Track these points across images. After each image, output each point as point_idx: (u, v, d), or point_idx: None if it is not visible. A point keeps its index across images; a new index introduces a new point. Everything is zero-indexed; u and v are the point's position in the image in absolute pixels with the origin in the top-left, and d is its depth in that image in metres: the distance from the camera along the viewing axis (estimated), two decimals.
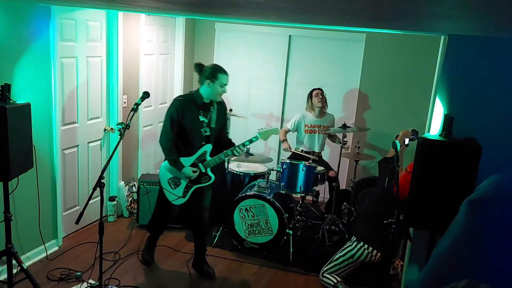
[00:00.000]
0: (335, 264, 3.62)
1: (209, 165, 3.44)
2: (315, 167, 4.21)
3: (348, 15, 2.21)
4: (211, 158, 3.44)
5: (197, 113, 3.41)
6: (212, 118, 3.47)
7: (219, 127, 3.55)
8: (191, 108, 3.39)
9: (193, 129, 3.41)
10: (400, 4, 1.52)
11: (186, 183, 3.48)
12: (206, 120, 3.43)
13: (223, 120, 3.61)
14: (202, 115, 3.41)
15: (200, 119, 3.40)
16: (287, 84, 5.66)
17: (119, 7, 3.77)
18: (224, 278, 3.81)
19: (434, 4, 1.44)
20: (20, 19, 3.36)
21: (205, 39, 5.87)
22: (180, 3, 2.50)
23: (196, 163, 3.44)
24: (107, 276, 3.58)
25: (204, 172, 3.46)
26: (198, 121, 3.40)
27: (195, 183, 3.48)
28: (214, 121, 3.47)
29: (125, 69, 4.59)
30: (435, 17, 1.90)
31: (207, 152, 3.44)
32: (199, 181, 3.48)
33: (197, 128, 3.41)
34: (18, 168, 2.99)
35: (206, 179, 3.48)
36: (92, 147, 4.46)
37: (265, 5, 1.94)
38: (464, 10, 1.48)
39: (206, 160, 3.44)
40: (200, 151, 3.43)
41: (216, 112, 3.50)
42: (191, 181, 3.47)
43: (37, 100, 3.55)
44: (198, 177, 3.46)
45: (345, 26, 4.11)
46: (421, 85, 4.75)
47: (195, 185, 3.48)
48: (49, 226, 3.92)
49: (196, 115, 3.40)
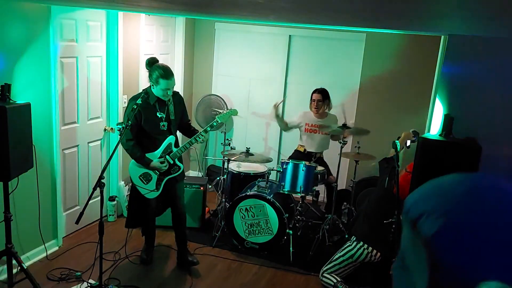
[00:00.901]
0: (335, 264, 3.61)
1: (176, 155, 3.56)
2: (315, 167, 4.21)
3: (348, 15, 2.21)
4: (177, 148, 3.56)
5: (154, 110, 3.48)
6: (170, 110, 3.55)
7: (179, 117, 3.66)
8: (147, 106, 3.45)
9: (152, 126, 3.49)
10: (400, 4, 1.52)
11: (157, 176, 3.56)
12: (164, 114, 3.51)
13: (181, 109, 3.69)
14: (159, 110, 3.49)
15: (158, 116, 3.48)
16: (287, 84, 5.66)
17: (119, 7, 3.77)
18: (224, 278, 3.81)
19: (434, 4, 1.44)
20: (20, 19, 3.36)
21: (205, 39, 5.87)
22: (180, 3, 2.50)
23: (163, 155, 3.53)
24: (107, 276, 3.58)
25: (172, 163, 3.56)
26: (156, 118, 3.48)
27: (166, 174, 3.58)
28: (173, 113, 3.57)
29: (125, 69, 4.59)
30: (435, 17, 1.90)
31: (172, 143, 3.55)
32: (169, 172, 3.59)
33: (156, 124, 3.49)
34: (18, 168, 3.00)
35: (176, 169, 3.60)
36: (92, 147, 4.46)
37: (265, 5, 1.94)
38: (464, 10, 1.48)
39: (173, 152, 3.55)
40: (164, 144, 3.52)
41: (173, 104, 3.57)
42: (161, 173, 3.55)
43: (37, 100, 3.55)
44: (167, 169, 3.55)
45: (345, 26, 4.11)
46: (421, 85, 4.75)
47: (166, 176, 3.58)
48: (49, 226, 3.92)
49: (153, 112, 3.48)
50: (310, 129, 4.83)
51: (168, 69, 3.43)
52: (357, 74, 5.23)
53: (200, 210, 4.61)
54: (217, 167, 5.89)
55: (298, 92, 5.51)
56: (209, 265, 3.94)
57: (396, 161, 3.02)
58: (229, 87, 5.90)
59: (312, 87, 4.88)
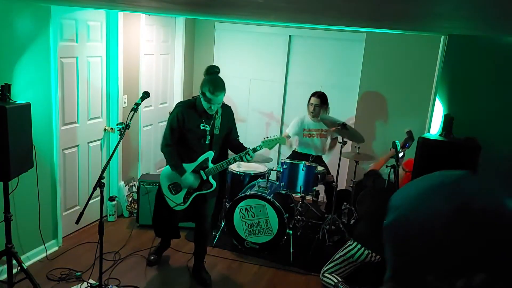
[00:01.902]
0: (336, 264, 3.62)
1: (211, 172, 3.36)
2: (315, 167, 4.21)
3: (348, 15, 2.21)
4: (213, 165, 3.36)
5: (198, 120, 3.31)
6: (216, 124, 3.35)
7: (225, 132, 3.45)
8: (192, 115, 3.30)
9: (194, 137, 3.33)
10: (400, 4, 1.52)
11: (186, 189, 3.42)
12: (208, 127, 3.32)
13: (229, 125, 3.48)
14: (204, 122, 3.31)
15: (201, 127, 3.31)
16: (287, 84, 5.66)
17: (119, 7, 3.77)
18: (224, 278, 3.81)
19: (434, 4, 1.44)
20: (20, 19, 3.36)
21: (205, 39, 5.87)
22: (180, 3, 2.50)
23: (197, 170, 3.37)
24: (107, 276, 3.58)
25: (205, 179, 3.38)
26: (199, 129, 3.31)
27: (196, 190, 3.42)
28: (218, 127, 3.36)
29: (125, 69, 4.59)
30: (435, 17, 1.90)
31: (209, 159, 3.35)
32: (201, 188, 3.41)
33: (199, 136, 3.33)
34: (18, 168, 2.99)
35: (208, 186, 3.39)
36: (92, 147, 4.46)
37: (265, 5, 1.94)
38: (464, 10, 1.48)
39: (208, 168, 3.35)
40: (201, 158, 3.34)
41: (221, 118, 3.38)
42: (192, 188, 3.42)
43: (37, 100, 3.55)
44: (199, 184, 3.39)
45: (345, 26, 4.11)
46: (421, 85, 4.75)
47: (196, 192, 3.42)
48: (49, 226, 3.92)
49: (197, 123, 3.30)
50: (308, 134, 4.83)
51: (218, 82, 3.21)
52: (357, 74, 5.23)
53: None
54: None
55: (298, 92, 5.51)
56: (209, 265, 3.94)
57: (396, 161, 3.02)
58: (229, 87, 5.84)
59: (312, 87, 4.88)
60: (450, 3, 1.37)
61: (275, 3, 1.84)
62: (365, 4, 1.62)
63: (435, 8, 1.53)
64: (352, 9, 1.86)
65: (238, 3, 2.09)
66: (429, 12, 1.67)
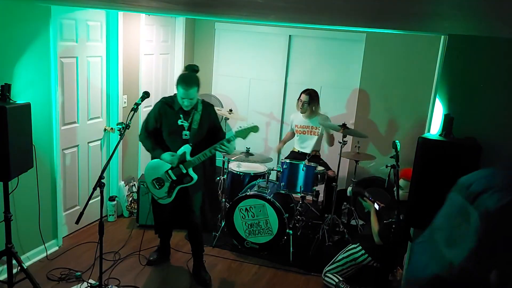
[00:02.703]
0: (338, 265, 3.63)
1: (189, 165, 3.39)
2: (315, 167, 4.21)
3: (348, 15, 2.21)
4: (191, 158, 3.39)
5: (176, 116, 3.40)
6: (195, 119, 3.41)
7: (206, 128, 3.47)
8: (170, 112, 3.40)
9: (172, 132, 3.41)
10: (400, 4, 1.52)
11: (169, 183, 3.45)
12: (186, 123, 3.40)
13: (211, 121, 3.50)
14: (182, 118, 3.40)
15: (179, 123, 3.39)
16: (287, 84, 5.66)
17: (119, 7, 3.77)
18: (224, 278, 3.81)
19: (434, 4, 1.44)
20: (20, 19, 3.35)
21: (205, 39, 5.87)
22: (180, 3, 2.50)
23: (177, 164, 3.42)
24: (107, 276, 3.59)
25: (185, 173, 3.41)
26: (177, 125, 3.40)
27: (178, 183, 3.45)
28: (197, 122, 3.41)
29: (125, 69, 4.59)
30: (435, 17, 1.90)
31: (187, 152, 3.39)
32: (182, 182, 3.44)
33: (177, 131, 3.40)
34: (18, 168, 2.99)
35: (188, 179, 3.42)
36: (92, 147, 4.46)
37: (265, 5, 1.94)
38: (464, 10, 1.48)
39: (186, 161, 3.39)
40: (179, 152, 3.38)
41: (200, 114, 3.43)
42: (174, 181, 3.44)
43: (37, 100, 3.55)
44: (180, 178, 3.42)
45: (345, 26, 4.11)
46: (421, 85, 4.75)
47: (178, 185, 3.45)
48: (49, 226, 3.92)
49: (175, 119, 3.40)
50: (299, 130, 4.86)
51: (188, 78, 3.33)
52: (357, 74, 5.23)
53: None
54: (217, 167, 5.88)
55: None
56: (209, 265, 3.94)
57: (396, 161, 3.02)
58: (229, 87, 5.90)
59: (312, 87, 4.88)
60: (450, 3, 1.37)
61: (275, 3, 1.84)
62: (365, 4, 1.62)
63: (435, 8, 1.53)
64: (352, 9, 1.86)
65: (238, 3, 2.09)
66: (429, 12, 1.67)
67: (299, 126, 4.87)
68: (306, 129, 4.83)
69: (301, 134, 4.87)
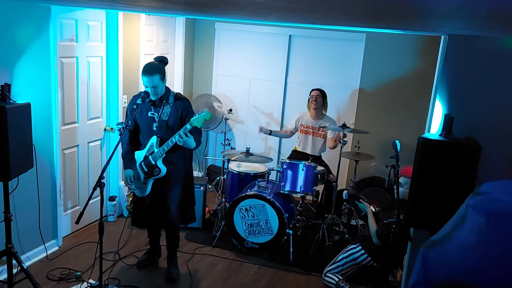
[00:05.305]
0: (338, 266, 3.64)
1: (156, 157, 3.41)
2: (315, 167, 4.21)
3: (348, 15, 2.21)
4: (158, 149, 3.41)
5: (148, 109, 3.45)
6: (165, 111, 3.43)
7: (177, 119, 3.42)
8: (144, 104, 3.43)
9: (144, 124, 3.48)
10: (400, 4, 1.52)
11: (143, 176, 3.52)
12: (156, 115, 3.45)
13: (183, 114, 3.44)
14: (153, 110, 3.44)
15: (149, 115, 3.44)
16: (287, 84, 5.66)
17: (119, 7, 3.76)
18: (224, 278, 3.81)
19: (434, 4, 1.44)
20: (20, 19, 3.36)
21: (205, 39, 5.87)
22: (180, 2, 2.49)
23: (147, 155, 3.47)
24: (107, 276, 3.59)
25: (154, 164, 3.44)
26: (147, 117, 3.45)
27: (149, 175, 3.50)
28: (167, 114, 3.43)
29: (125, 69, 4.59)
30: (435, 17, 1.90)
31: (154, 144, 3.42)
32: (152, 174, 3.48)
33: (147, 122, 3.45)
34: (18, 168, 2.99)
35: (157, 171, 3.44)
36: (92, 147, 4.46)
37: (265, 5, 1.94)
38: (464, 10, 1.48)
39: (154, 152, 3.43)
40: (148, 144, 3.45)
41: (171, 106, 3.44)
42: (145, 173, 3.50)
43: (37, 100, 3.55)
44: (150, 170, 3.47)
45: (345, 26, 4.10)
46: (421, 85, 4.75)
47: (150, 177, 3.50)
48: (49, 226, 3.92)
49: (146, 111, 3.45)
50: (304, 130, 4.86)
51: (150, 66, 3.33)
52: (357, 74, 5.23)
53: (200, 210, 4.61)
54: (217, 167, 5.89)
55: (298, 92, 5.51)
56: (209, 265, 3.95)
57: (396, 161, 3.01)
58: (229, 87, 5.90)
59: (312, 87, 4.89)
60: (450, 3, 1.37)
61: (275, 3, 1.84)
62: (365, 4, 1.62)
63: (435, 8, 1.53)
64: (352, 9, 1.86)
65: (238, 3, 2.09)
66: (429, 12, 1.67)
67: (305, 126, 4.85)
68: (311, 130, 4.82)
69: (305, 134, 4.85)
